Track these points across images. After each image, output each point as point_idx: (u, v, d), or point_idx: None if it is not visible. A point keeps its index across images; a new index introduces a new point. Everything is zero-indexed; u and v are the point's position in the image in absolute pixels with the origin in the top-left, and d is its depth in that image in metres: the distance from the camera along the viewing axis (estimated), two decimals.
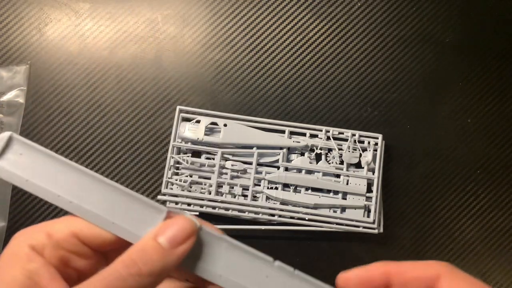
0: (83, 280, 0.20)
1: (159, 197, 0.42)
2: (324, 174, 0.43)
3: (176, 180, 0.42)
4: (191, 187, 0.42)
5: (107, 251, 0.23)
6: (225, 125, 0.43)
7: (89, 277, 0.20)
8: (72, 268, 0.22)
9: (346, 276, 0.22)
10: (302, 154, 0.43)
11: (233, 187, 0.42)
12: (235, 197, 0.42)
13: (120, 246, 0.22)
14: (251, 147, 0.43)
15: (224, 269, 0.22)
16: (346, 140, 0.43)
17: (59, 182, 0.22)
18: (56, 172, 0.22)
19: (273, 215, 0.42)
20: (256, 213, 0.42)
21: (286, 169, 0.43)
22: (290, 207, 0.42)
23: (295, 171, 0.43)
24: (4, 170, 0.22)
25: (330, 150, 0.43)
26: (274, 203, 0.42)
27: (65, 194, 0.22)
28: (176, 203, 0.42)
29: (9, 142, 0.22)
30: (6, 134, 0.22)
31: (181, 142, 0.43)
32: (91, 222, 0.22)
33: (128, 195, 0.22)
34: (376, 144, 0.43)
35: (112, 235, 0.22)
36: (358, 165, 0.43)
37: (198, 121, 0.43)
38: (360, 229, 0.42)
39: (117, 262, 0.20)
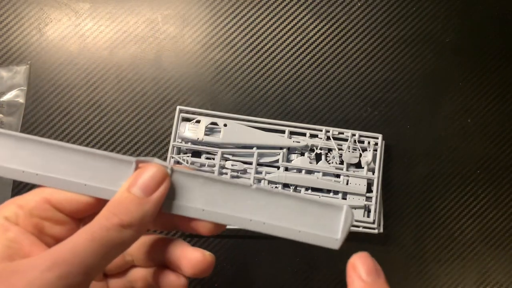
0: None
1: None
2: (324, 174, 0.43)
3: None
4: None
5: (84, 217, 0.23)
6: (225, 125, 0.43)
7: None
8: (48, 236, 0.22)
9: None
10: (302, 154, 0.43)
11: None
12: None
13: (96, 209, 0.22)
14: (251, 147, 0.43)
15: (205, 203, 0.22)
16: (346, 140, 0.43)
17: (20, 158, 0.22)
18: (14, 149, 0.22)
19: None
20: None
21: (286, 169, 0.43)
22: None
23: (295, 171, 0.43)
24: None
25: (330, 150, 0.43)
26: None
27: (29, 168, 0.22)
28: None
29: None
30: None
31: (181, 142, 0.43)
32: (63, 189, 0.22)
33: (94, 155, 0.22)
34: (376, 144, 0.43)
35: (86, 197, 0.22)
36: (358, 165, 0.43)
37: (198, 121, 0.43)
38: (360, 229, 0.42)
39: (98, 217, 0.21)
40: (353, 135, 0.43)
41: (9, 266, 0.19)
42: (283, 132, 0.43)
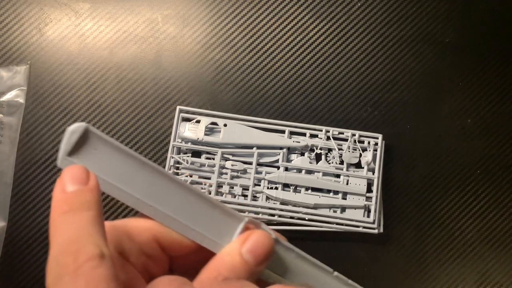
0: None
1: None
2: (324, 174, 0.43)
3: None
4: None
5: (176, 256, 0.23)
6: (225, 125, 0.43)
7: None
8: (149, 274, 0.21)
9: None
10: (302, 154, 0.43)
11: (233, 187, 0.42)
12: (235, 197, 0.42)
13: (190, 251, 0.22)
14: (251, 147, 0.43)
15: (291, 277, 0.23)
16: (346, 140, 0.43)
17: (137, 183, 0.21)
18: (134, 172, 0.21)
19: (273, 215, 0.42)
20: (256, 213, 0.42)
21: (286, 169, 0.43)
22: (290, 207, 0.42)
23: (295, 171, 0.43)
24: None
25: (330, 150, 0.43)
26: (274, 203, 0.42)
27: (143, 197, 0.21)
28: None
29: (84, 135, 0.20)
30: (81, 126, 0.20)
31: (181, 142, 0.43)
32: (172, 228, 0.21)
33: (209, 202, 0.22)
34: (376, 144, 0.43)
35: (190, 241, 0.21)
36: (358, 165, 0.43)
37: (198, 121, 0.43)
38: (360, 229, 0.42)
39: (209, 275, 0.20)
40: (353, 135, 0.43)
41: None
42: (283, 132, 0.43)
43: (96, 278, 0.16)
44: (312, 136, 0.43)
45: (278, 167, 0.43)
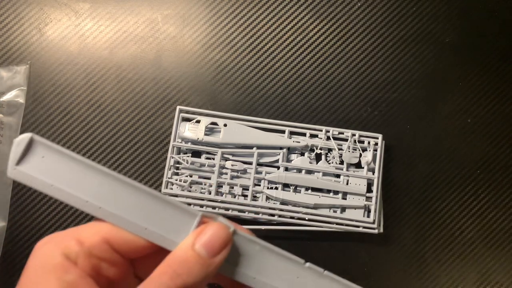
0: None
1: None
2: (324, 174, 0.43)
3: (176, 180, 0.42)
4: (191, 187, 0.42)
5: (135, 258, 0.22)
6: (225, 125, 0.43)
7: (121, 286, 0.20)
8: (103, 277, 0.21)
9: None
10: (302, 154, 0.43)
11: (233, 187, 0.42)
12: (235, 197, 0.42)
13: (149, 252, 0.22)
14: (251, 147, 0.43)
15: (257, 272, 0.22)
16: (346, 140, 0.43)
17: (85, 186, 0.21)
18: (82, 175, 0.21)
19: (273, 215, 0.42)
20: (256, 213, 0.42)
21: (286, 169, 0.43)
22: (290, 207, 0.42)
23: (295, 171, 0.43)
24: (26, 175, 0.21)
25: (330, 150, 0.43)
26: (274, 203, 0.42)
27: (93, 200, 0.21)
28: None
29: (30, 144, 0.21)
30: (27, 136, 0.21)
31: (181, 142, 0.43)
32: (123, 228, 0.21)
33: (159, 199, 0.22)
34: (376, 144, 0.43)
35: (144, 241, 0.21)
36: (358, 165, 0.43)
37: (198, 121, 0.43)
38: (360, 229, 0.42)
39: (161, 273, 0.20)
40: (353, 135, 0.43)
41: None
42: (283, 132, 0.43)
43: None
44: (312, 136, 0.43)
45: (278, 167, 0.43)
